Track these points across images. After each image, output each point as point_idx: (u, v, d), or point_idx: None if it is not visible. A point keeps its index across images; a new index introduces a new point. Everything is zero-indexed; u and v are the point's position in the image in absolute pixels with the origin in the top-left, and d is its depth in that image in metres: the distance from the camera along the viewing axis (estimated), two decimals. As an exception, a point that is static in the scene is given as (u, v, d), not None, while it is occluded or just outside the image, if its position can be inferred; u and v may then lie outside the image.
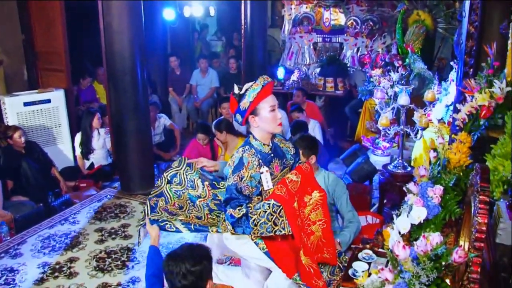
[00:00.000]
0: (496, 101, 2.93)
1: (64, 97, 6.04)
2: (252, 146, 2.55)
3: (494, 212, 2.54)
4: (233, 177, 2.44)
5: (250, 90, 2.46)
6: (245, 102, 2.46)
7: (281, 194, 2.40)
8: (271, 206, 2.34)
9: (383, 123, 4.38)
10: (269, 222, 2.33)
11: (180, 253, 1.98)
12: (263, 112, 2.49)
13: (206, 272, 1.96)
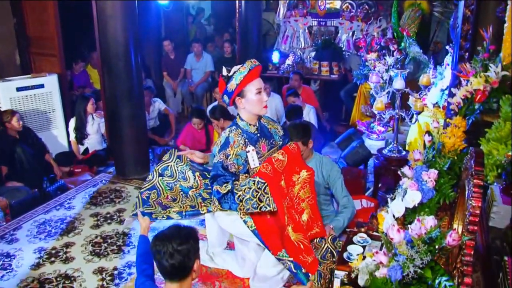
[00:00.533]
0: (491, 85, 2.94)
1: (57, 82, 5.99)
2: (239, 126, 2.62)
3: (488, 195, 2.56)
4: (219, 155, 2.52)
5: (237, 73, 2.53)
6: (232, 84, 2.53)
7: (266, 172, 2.46)
8: (256, 183, 2.41)
9: (378, 107, 4.38)
10: (254, 198, 2.40)
11: (167, 233, 2.01)
12: (249, 95, 2.56)
13: (193, 251, 1.98)
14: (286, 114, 5.22)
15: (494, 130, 2.64)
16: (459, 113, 3.11)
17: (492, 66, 2.96)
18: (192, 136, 5.74)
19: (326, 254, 2.85)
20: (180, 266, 1.95)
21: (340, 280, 2.49)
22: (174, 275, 1.99)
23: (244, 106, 2.59)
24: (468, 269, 1.67)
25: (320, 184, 3.40)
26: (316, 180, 3.31)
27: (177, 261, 1.93)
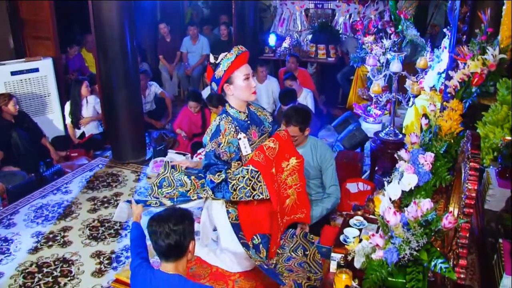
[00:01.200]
0: (488, 68, 2.93)
1: (52, 65, 5.94)
2: (229, 114, 2.62)
3: (484, 178, 2.57)
4: (211, 144, 2.52)
5: (224, 59, 2.52)
6: (220, 71, 2.52)
7: (259, 160, 2.48)
8: (249, 171, 2.43)
9: (375, 90, 4.36)
10: (247, 187, 2.43)
11: (163, 215, 2.06)
12: (237, 81, 2.56)
13: (188, 231, 2.04)
14: (280, 98, 5.20)
15: (490, 113, 2.63)
16: (456, 96, 3.11)
17: (490, 49, 2.94)
18: (189, 119, 5.72)
19: (297, 249, 2.88)
20: (176, 246, 2.00)
21: (337, 262, 2.51)
22: (170, 255, 2.04)
23: (233, 92, 2.58)
24: (463, 251, 1.68)
25: (314, 167, 3.38)
26: (310, 163, 3.33)
27: (173, 240, 1.98)
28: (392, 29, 5.44)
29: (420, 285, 1.74)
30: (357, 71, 6.71)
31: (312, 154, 3.37)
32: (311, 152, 3.37)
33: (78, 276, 3.51)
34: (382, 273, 1.85)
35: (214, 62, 2.56)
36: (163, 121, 6.72)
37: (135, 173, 5.23)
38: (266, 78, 6.49)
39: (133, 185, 4.96)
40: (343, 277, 2.24)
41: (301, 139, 3.31)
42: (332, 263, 2.55)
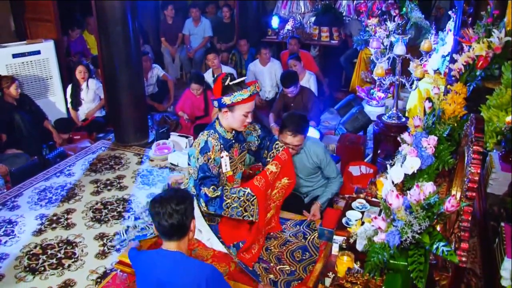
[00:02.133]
0: (493, 51, 2.90)
1: (54, 48, 5.90)
2: (217, 131, 2.63)
3: (487, 162, 2.57)
4: (202, 157, 2.53)
5: (238, 94, 2.49)
6: (228, 99, 2.50)
7: (258, 185, 2.53)
8: (246, 194, 2.48)
9: (378, 73, 4.33)
10: (240, 207, 2.49)
11: (164, 196, 2.08)
12: (238, 113, 2.56)
13: (189, 211, 2.07)
14: (282, 80, 5.17)
15: (495, 97, 2.62)
16: (460, 79, 3.08)
17: (496, 32, 2.91)
18: (191, 102, 5.71)
19: (297, 234, 2.91)
20: (179, 225, 2.03)
21: (339, 245, 2.52)
22: (173, 235, 2.06)
23: (228, 118, 2.60)
24: (465, 234, 1.68)
25: (312, 166, 3.39)
26: (307, 164, 3.36)
27: (176, 220, 2.01)
28: (396, 11, 5.37)
29: (422, 268, 1.75)
30: (360, 54, 6.66)
31: (307, 155, 3.35)
32: (305, 154, 3.35)
33: (82, 258, 3.54)
34: (384, 255, 1.86)
35: (227, 83, 2.51)
36: (165, 104, 6.71)
37: (137, 156, 5.25)
38: (269, 60, 6.45)
39: (136, 167, 4.97)
40: (345, 260, 2.26)
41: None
42: (334, 245, 2.57)
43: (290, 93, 5.08)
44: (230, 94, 2.49)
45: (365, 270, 1.99)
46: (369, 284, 2.10)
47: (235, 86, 2.51)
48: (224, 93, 2.51)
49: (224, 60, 7.47)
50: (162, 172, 4.87)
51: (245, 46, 7.38)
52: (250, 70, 6.61)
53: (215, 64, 6.19)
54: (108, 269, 3.39)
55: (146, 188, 4.55)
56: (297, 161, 3.30)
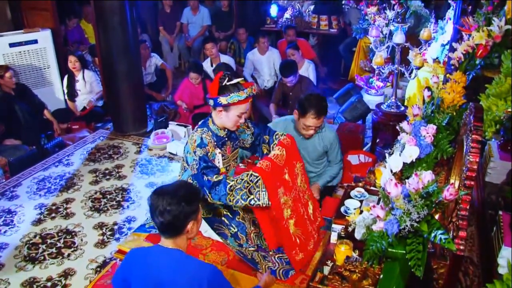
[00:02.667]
0: (493, 39, 2.89)
1: (51, 37, 5.87)
2: (210, 129, 2.61)
3: (485, 151, 2.57)
4: (201, 149, 2.51)
5: (235, 95, 2.46)
6: (224, 100, 2.47)
7: (262, 167, 2.42)
8: (249, 175, 2.40)
9: (377, 62, 4.31)
10: (244, 189, 2.38)
11: (165, 189, 1.99)
12: (232, 113, 2.54)
13: (186, 213, 1.94)
14: (281, 70, 5.15)
15: (494, 86, 2.61)
16: (460, 68, 3.08)
17: (496, 20, 2.89)
18: (190, 91, 5.69)
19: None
20: (169, 225, 1.95)
21: (337, 233, 2.53)
22: (165, 232, 2.00)
23: (222, 117, 2.58)
24: (463, 223, 1.69)
25: (319, 155, 3.43)
26: (317, 147, 3.39)
27: (166, 219, 1.92)
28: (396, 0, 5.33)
29: (420, 256, 1.76)
30: (359, 43, 6.64)
31: (320, 139, 3.39)
32: (318, 137, 3.38)
33: (82, 247, 3.55)
34: (383, 244, 1.87)
35: (225, 83, 2.48)
36: (163, 93, 6.69)
37: (136, 145, 5.24)
38: (267, 49, 6.42)
39: (135, 157, 4.97)
40: (343, 248, 2.27)
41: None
42: (333, 234, 2.58)
43: (289, 83, 5.07)
44: (226, 94, 2.47)
45: (364, 258, 2.00)
46: (368, 272, 2.11)
47: (232, 86, 2.49)
48: (221, 92, 2.49)
49: (222, 49, 7.43)
50: (161, 161, 4.87)
51: (244, 34, 7.34)
52: (248, 59, 6.59)
53: (214, 53, 6.17)
54: (107, 258, 3.41)
55: (145, 177, 4.55)
56: (309, 144, 3.35)
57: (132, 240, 2.77)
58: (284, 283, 2.41)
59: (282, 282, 2.41)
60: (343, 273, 2.15)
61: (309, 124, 3.15)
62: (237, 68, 6.68)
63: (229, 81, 2.50)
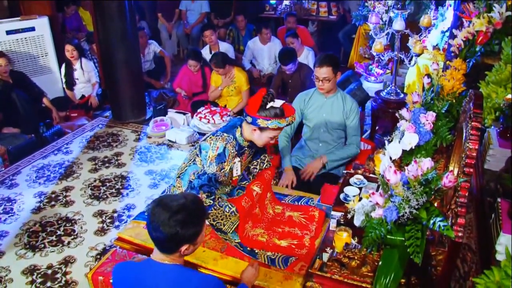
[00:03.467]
0: (494, 26, 2.87)
1: (48, 24, 5.82)
2: (235, 138, 2.61)
3: (485, 138, 2.56)
4: (216, 166, 2.53)
5: (276, 121, 2.45)
6: (265, 123, 2.45)
7: (245, 207, 2.61)
8: (231, 212, 2.57)
9: (377, 49, 4.29)
10: (221, 220, 2.61)
11: (166, 204, 1.82)
12: (266, 135, 2.55)
13: (178, 238, 1.80)
14: (280, 58, 5.14)
15: (494, 73, 2.59)
16: (460, 55, 3.06)
17: (497, 7, 2.87)
18: (188, 78, 5.67)
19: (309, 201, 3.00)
20: (162, 243, 1.84)
21: (336, 220, 2.54)
22: (157, 246, 1.88)
23: (254, 135, 2.58)
24: (462, 210, 1.69)
25: (339, 122, 3.47)
26: (337, 113, 3.45)
27: (159, 237, 1.81)
28: (396, -14, 5.29)
29: (419, 243, 1.77)
30: (359, 30, 6.60)
31: (340, 105, 3.45)
32: (342, 101, 3.45)
33: (81, 235, 3.56)
34: (382, 231, 1.88)
35: (266, 103, 2.45)
36: (162, 81, 6.66)
37: (135, 133, 5.24)
38: (269, 40, 6.39)
39: (134, 144, 4.97)
40: (343, 235, 2.27)
41: (333, 83, 3.37)
42: (332, 221, 2.58)
43: (288, 70, 5.06)
44: (268, 119, 2.45)
45: (363, 245, 2.01)
46: (367, 259, 2.12)
47: (274, 110, 2.46)
48: (262, 113, 2.45)
49: (221, 36, 7.40)
50: (160, 149, 4.87)
51: (243, 22, 7.29)
52: (249, 47, 6.56)
53: (213, 40, 6.14)
54: (107, 246, 3.42)
55: (144, 165, 4.55)
56: (330, 105, 3.45)
57: (131, 228, 2.78)
58: (284, 271, 2.42)
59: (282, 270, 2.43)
60: (342, 260, 2.16)
61: (317, 75, 3.33)
62: (236, 55, 6.66)
63: (271, 101, 2.47)
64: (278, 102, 2.49)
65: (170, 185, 2.94)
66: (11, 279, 3.14)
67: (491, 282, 1.52)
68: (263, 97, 2.46)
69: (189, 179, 2.69)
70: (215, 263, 2.49)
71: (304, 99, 3.54)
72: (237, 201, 2.63)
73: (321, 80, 3.33)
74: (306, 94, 3.56)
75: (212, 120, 4.94)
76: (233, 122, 2.68)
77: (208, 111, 5.06)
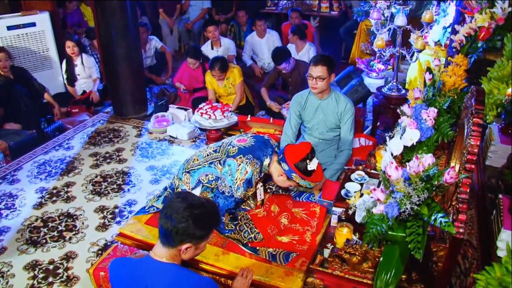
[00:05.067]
0: (496, 22, 2.86)
1: (49, 20, 5.82)
2: (261, 165, 2.62)
3: (486, 135, 2.56)
4: (243, 191, 2.57)
5: (308, 182, 2.54)
6: (298, 179, 2.53)
7: (270, 234, 2.65)
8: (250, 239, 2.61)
9: (378, 45, 4.28)
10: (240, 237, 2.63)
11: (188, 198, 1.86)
12: (289, 183, 2.62)
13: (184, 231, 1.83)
14: (273, 58, 5.15)
15: (496, 69, 2.59)
16: (461, 51, 3.05)
17: (499, 2, 2.86)
18: (189, 74, 5.67)
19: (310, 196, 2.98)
20: (166, 232, 1.85)
21: (338, 216, 2.54)
22: (161, 237, 1.90)
23: (279, 178, 2.62)
24: (463, 206, 1.69)
25: (333, 121, 3.48)
26: (332, 114, 3.47)
27: (166, 225, 1.83)
28: (398, -19, 5.27)
29: (420, 239, 1.77)
30: (360, 25, 6.58)
31: (336, 105, 3.45)
32: (335, 103, 3.46)
33: (83, 231, 3.57)
34: (383, 227, 1.88)
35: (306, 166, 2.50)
36: (163, 76, 6.66)
37: (136, 129, 5.24)
38: (265, 32, 6.38)
39: (135, 140, 4.97)
40: (344, 231, 2.28)
41: (326, 84, 3.37)
42: (333, 217, 2.59)
43: (284, 70, 5.07)
44: (303, 177, 2.51)
45: (364, 241, 2.01)
46: (368, 255, 2.12)
47: (310, 171, 2.53)
48: (299, 168, 2.50)
49: (223, 31, 7.39)
50: (161, 144, 4.87)
51: (244, 17, 7.28)
52: (248, 42, 6.55)
53: (216, 36, 6.13)
54: (108, 242, 3.43)
55: (145, 160, 4.55)
56: (324, 107, 3.47)
57: (132, 223, 2.79)
58: (285, 266, 2.43)
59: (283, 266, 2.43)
60: (343, 256, 2.16)
61: (311, 73, 3.33)
62: (238, 51, 6.65)
63: (311, 161, 2.52)
64: (315, 163, 2.53)
65: (173, 178, 2.93)
66: (13, 274, 3.15)
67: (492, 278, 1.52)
68: (308, 154, 2.50)
69: (199, 178, 2.69)
70: (216, 258, 2.50)
71: (300, 102, 3.56)
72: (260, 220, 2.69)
73: (314, 78, 3.33)
74: (301, 96, 3.57)
75: (213, 115, 4.93)
76: (262, 145, 2.66)
77: (210, 106, 5.05)
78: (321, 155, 3.57)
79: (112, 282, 1.99)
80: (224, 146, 2.68)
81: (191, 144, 4.85)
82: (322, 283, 2.21)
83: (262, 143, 2.67)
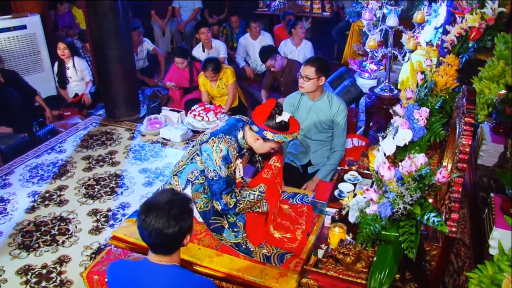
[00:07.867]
0: (487, 22, 2.88)
1: (40, 22, 5.78)
2: (237, 141, 2.59)
3: (478, 134, 2.58)
4: (225, 169, 2.52)
5: (282, 136, 2.46)
6: (270, 135, 2.45)
7: (267, 177, 2.61)
8: (257, 196, 2.56)
9: (370, 45, 4.30)
10: (249, 207, 2.58)
11: (156, 205, 1.81)
12: (268, 145, 2.55)
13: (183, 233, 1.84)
14: (260, 56, 5.16)
15: (487, 69, 2.61)
16: (453, 51, 3.07)
17: (489, 2, 2.89)
18: (178, 73, 5.69)
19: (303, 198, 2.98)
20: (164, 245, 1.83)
21: (331, 217, 2.55)
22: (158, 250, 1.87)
23: (256, 143, 2.56)
24: (455, 205, 1.70)
25: (325, 122, 3.48)
26: (324, 116, 3.46)
27: (161, 241, 1.80)
28: (389, -18, 5.29)
29: (413, 239, 1.77)
30: (352, 26, 6.60)
31: (329, 106, 3.45)
32: (328, 104, 3.46)
33: (76, 234, 3.55)
34: (376, 227, 1.88)
35: (275, 118, 2.44)
36: (156, 78, 6.64)
37: (129, 131, 5.22)
38: (259, 34, 6.38)
39: (128, 143, 4.95)
40: (337, 231, 2.28)
41: (313, 85, 3.36)
42: (326, 217, 2.59)
43: (272, 67, 5.07)
44: (275, 132, 2.45)
45: (357, 241, 2.01)
46: (361, 255, 2.13)
47: (282, 125, 2.46)
48: (269, 125, 2.44)
49: (215, 33, 7.38)
50: (154, 147, 4.85)
51: (237, 22, 7.30)
52: (240, 44, 6.55)
53: (208, 38, 6.12)
54: (102, 245, 3.41)
55: (139, 163, 4.54)
56: (317, 108, 3.46)
57: (126, 226, 2.77)
58: (279, 268, 2.43)
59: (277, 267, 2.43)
60: (337, 256, 2.16)
61: (300, 72, 3.37)
62: (229, 53, 6.65)
63: (280, 114, 2.45)
64: (286, 115, 2.47)
65: (165, 183, 2.93)
66: (5, 279, 3.13)
67: (484, 276, 1.53)
68: (273, 109, 2.45)
69: (187, 178, 2.67)
70: (210, 260, 2.49)
71: (293, 103, 3.56)
72: (258, 178, 2.63)
73: (302, 77, 3.35)
74: (294, 97, 3.58)
75: (206, 117, 4.93)
76: (233, 123, 2.64)
77: (202, 108, 5.05)
78: (314, 156, 3.58)
79: (111, 285, 1.97)
80: (199, 138, 2.68)
81: (184, 146, 4.84)
82: (317, 284, 2.21)
83: (234, 121, 2.66)
